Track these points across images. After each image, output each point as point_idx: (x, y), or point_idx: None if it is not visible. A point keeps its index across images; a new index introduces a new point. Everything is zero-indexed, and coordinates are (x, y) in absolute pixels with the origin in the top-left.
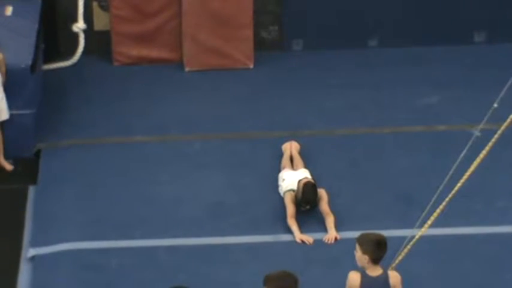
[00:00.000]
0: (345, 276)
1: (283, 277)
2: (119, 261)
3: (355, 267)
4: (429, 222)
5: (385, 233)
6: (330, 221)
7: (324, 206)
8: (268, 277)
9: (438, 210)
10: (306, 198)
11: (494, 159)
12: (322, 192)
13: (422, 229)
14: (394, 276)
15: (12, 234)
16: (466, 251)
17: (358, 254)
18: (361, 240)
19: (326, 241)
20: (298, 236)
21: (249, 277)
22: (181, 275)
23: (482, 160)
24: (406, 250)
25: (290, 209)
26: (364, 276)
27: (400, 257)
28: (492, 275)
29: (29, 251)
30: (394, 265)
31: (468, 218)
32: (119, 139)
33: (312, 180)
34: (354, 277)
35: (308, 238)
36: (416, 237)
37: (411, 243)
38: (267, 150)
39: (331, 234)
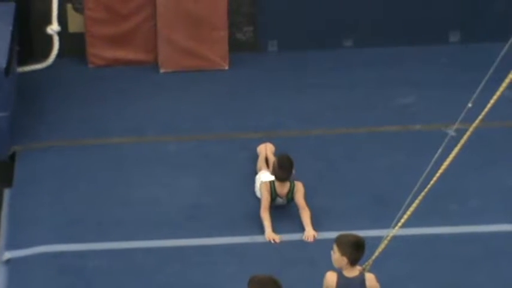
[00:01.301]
0: (322, 277)
1: (266, 282)
2: (96, 263)
3: (332, 268)
4: (402, 221)
5: (361, 233)
6: (306, 216)
7: (300, 199)
8: (251, 279)
9: (411, 209)
10: (282, 165)
11: (468, 159)
12: (298, 185)
13: (395, 229)
14: (370, 279)
15: None
16: (441, 251)
17: (336, 255)
18: (339, 242)
19: (305, 239)
20: (269, 233)
21: (227, 278)
22: (158, 276)
23: (454, 159)
24: (380, 250)
25: (265, 200)
26: (340, 276)
27: (373, 257)
28: (466, 275)
29: (4, 254)
30: (367, 265)
31: (443, 218)
32: (94, 141)
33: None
34: (331, 277)
35: (276, 237)
36: (389, 236)
37: (384, 242)
38: (242, 151)
39: (309, 232)
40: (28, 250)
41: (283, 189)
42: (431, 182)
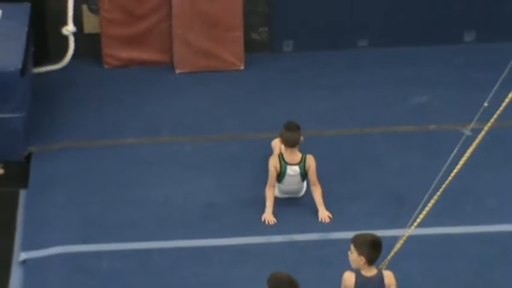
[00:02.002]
0: (338, 277)
1: (282, 282)
2: (111, 264)
3: (348, 268)
4: (418, 220)
5: (377, 233)
6: (317, 194)
7: (312, 175)
8: (270, 276)
9: (427, 209)
10: (289, 128)
11: (484, 158)
12: (310, 158)
13: (411, 228)
14: (388, 276)
15: (3, 238)
16: (457, 250)
17: (354, 255)
18: (356, 242)
19: (321, 221)
20: (267, 214)
21: (242, 278)
22: (173, 277)
23: (469, 158)
24: (395, 249)
25: (271, 177)
26: (359, 276)
27: (389, 257)
28: (482, 274)
29: (21, 255)
30: (384, 264)
31: (458, 217)
32: (109, 141)
33: None
34: (349, 277)
35: (271, 220)
36: (405, 236)
37: (400, 242)
38: (257, 151)
39: (323, 213)
40: (44, 251)
41: (293, 158)
42: (447, 182)
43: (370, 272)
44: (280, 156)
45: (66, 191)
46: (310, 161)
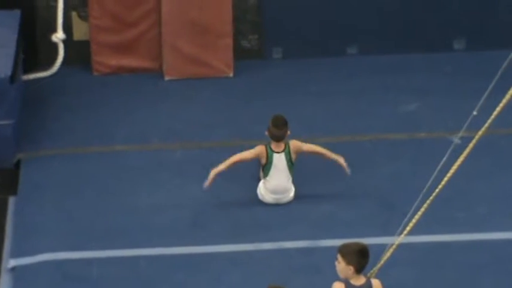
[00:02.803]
0: (328, 285)
1: None
2: (101, 271)
3: (338, 276)
4: (408, 228)
5: (367, 240)
6: (326, 152)
7: (308, 148)
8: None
9: (417, 217)
10: (276, 123)
11: (474, 166)
12: (293, 142)
13: (401, 236)
14: (376, 284)
15: None
16: (448, 258)
17: (342, 265)
18: (343, 251)
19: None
20: (212, 172)
21: (231, 286)
22: (162, 284)
23: (459, 167)
24: (385, 257)
25: (242, 154)
26: (348, 286)
27: (379, 265)
28: (473, 282)
29: (10, 262)
30: (373, 272)
31: (449, 225)
32: (99, 148)
33: None
34: (339, 287)
35: (208, 181)
36: (395, 244)
37: (390, 250)
38: None
39: (340, 160)
40: (33, 258)
41: (278, 148)
42: (437, 189)
43: (359, 280)
44: (267, 145)
45: (55, 197)
46: (294, 144)
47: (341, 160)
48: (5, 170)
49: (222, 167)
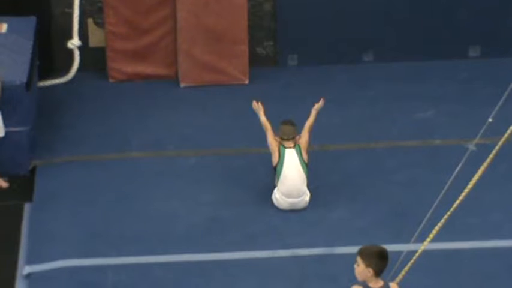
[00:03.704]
0: None
1: None
2: (115, 278)
3: (352, 282)
4: (431, 236)
5: None
6: (311, 121)
7: (304, 133)
8: None
9: (440, 224)
10: (286, 123)
11: (488, 172)
12: (299, 137)
13: (424, 243)
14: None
15: (8, 251)
16: (462, 265)
17: (361, 267)
18: (363, 254)
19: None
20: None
21: None
22: None
23: (473, 174)
24: (409, 265)
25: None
26: None
27: (403, 272)
28: None
29: (25, 269)
30: (398, 280)
31: (464, 232)
32: (114, 155)
33: None
34: None
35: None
36: (419, 251)
37: (414, 258)
38: (262, 166)
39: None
40: (48, 265)
41: (289, 144)
42: (459, 199)
43: (377, 283)
44: (280, 143)
45: (70, 204)
46: (299, 140)
47: (318, 106)
48: (20, 177)
49: (264, 118)
